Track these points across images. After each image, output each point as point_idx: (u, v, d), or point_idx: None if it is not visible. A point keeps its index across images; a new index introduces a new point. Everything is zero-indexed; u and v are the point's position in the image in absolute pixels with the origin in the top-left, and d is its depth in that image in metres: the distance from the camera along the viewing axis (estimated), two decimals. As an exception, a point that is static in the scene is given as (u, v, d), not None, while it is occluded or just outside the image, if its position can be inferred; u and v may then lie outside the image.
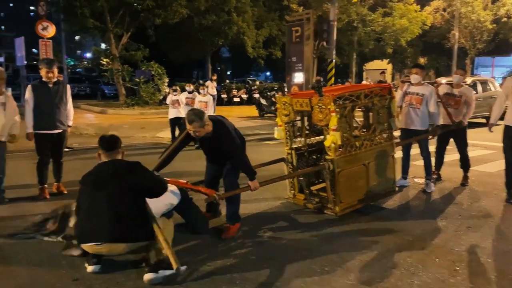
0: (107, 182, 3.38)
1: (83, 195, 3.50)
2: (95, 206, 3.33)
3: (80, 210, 3.49)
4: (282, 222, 4.75)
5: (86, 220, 3.37)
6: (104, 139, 3.62)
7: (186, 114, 4.04)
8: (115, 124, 14.04)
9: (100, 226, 3.26)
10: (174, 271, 3.24)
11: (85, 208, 3.41)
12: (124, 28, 20.15)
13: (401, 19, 20.38)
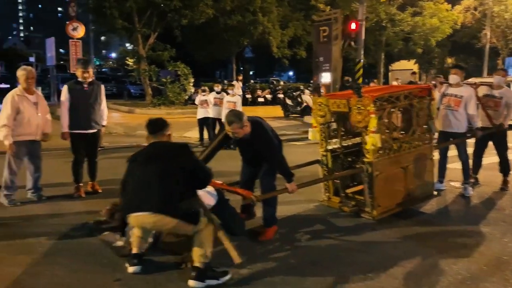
0: (157, 158, 3.40)
1: (131, 171, 3.50)
2: (144, 179, 3.34)
3: (127, 185, 3.48)
4: (318, 225, 4.67)
5: (134, 192, 3.37)
6: (149, 122, 3.69)
7: (226, 115, 4.01)
8: (143, 124, 14.06)
9: (148, 196, 3.27)
10: (220, 280, 3.28)
11: (134, 181, 3.41)
12: (151, 29, 20.34)
13: (431, 19, 19.91)
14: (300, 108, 16.57)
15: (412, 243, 4.12)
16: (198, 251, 3.32)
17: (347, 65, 21.30)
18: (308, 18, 26.85)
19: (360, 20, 15.31)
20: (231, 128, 3.95)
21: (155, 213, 3.24)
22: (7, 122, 5.06)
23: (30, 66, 6.01)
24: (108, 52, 78.79)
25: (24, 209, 5.15)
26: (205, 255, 3.32)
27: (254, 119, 4.13)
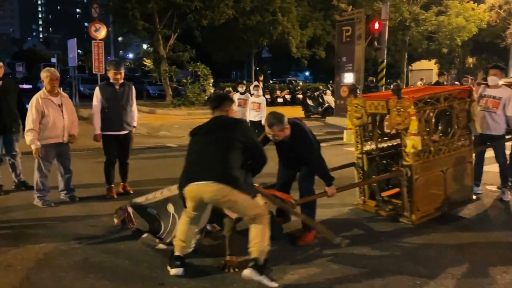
0: (216, 130, 3.50)
1: (193, 144, 3.57)
2: (204, 150, 3.42)
3: (189, 157, 3.54)
4: (356, 230, 4.57)
5: (194, 163, 3.43)
6: (211, 98, 3.85)
7: (266, 118, 3.93)
8: (165, 124, 14.24)
9: (208, 166, 3.31)
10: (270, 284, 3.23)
11: (194, 153, 3.49)
12: (172, 29, 20.44)
13: (457, 18, 19.53)
14: (321, 109, 16.45)
15: (456, 250, 4.00)
16: (257, 245, 3.31)
17: (366, 65, 21.04)
18: (327, 18, 26.72)
19: (383, 20, 15.14)
20: (272, 130, 3.88)
21: (216, 182, 3.24)
22: (33, 126, 5.07)
23: (52, 67, 6.03)
24: (125, 52, 79.63)
25: (59, 210, 5.17)
26: (264, 251, 3.33)
27: (294, 121, 4.06)
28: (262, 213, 3.42)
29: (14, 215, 4.96)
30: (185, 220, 3.56)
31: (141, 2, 18.38)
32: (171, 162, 8.31)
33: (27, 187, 5.96)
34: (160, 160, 8.55)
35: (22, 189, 6.01)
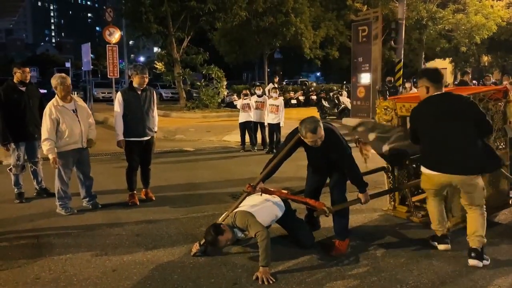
0: (456, 114, 3.55)
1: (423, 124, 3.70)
2: (450, 137, 3.55)
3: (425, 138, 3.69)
4: (390, 238, 4.39)
5: (442, 151, 3.60)
6: (429, 70, 3.86)
7: (305, 123, 3.73)
8: (181, 127, 14.16)
9: (460, 157, 3.53)
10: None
11: (438, 137, 3.60)
12: (185, 32, 20.40)
13: (476, 16, 19.18)
14: (337, 110, 16.25)
15: (501, 259, 3.79)
16: (477, 232, 3.65)
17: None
18: (340, 18, 26.48)
19: (400, 19, 14.93)
20: (317, 135, 3.70)
21: (462, 174, 3.55)
22: (49, 135, 4.97)
23: (65, 72, 5.95)
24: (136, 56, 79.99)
25: (83, 218, 5.08)
26: (483, 236, 3.65)
27: (326, 125, 3.91)
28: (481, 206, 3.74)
29: (38, 224, 4.88)
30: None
31: (154, 5, 18.37)
32: (190, 167, 8.22)
33: (48, 194, 5.90)
34: (179, 165, 8.45)
35: (43, 196, 5.95)
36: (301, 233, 4.11)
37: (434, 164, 3.67)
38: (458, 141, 3.56)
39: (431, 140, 3.68)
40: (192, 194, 6.23)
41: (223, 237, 3.73)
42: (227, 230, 3.76)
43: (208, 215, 5.10)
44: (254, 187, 3.98)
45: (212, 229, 3.73)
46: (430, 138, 3.69)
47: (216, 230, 3.71)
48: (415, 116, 3.82)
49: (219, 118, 17.29)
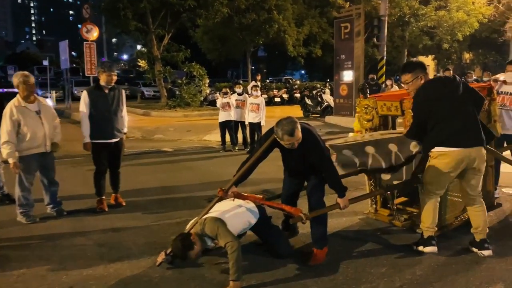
0: (459, 92, 3.61)
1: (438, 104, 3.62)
2: (459, 113, 3.59)
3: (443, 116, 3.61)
4: (371, 244, 4.15)
5: (466, 127, 3.60)
6: (418, 62, 3.95)
7: (282, 125, 3.45)
8: (161, 127, 13.79)
9: (478, 131, 3.63)
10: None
11: (449, 114, 3.59)
12: (166, 29, 19.96)
13: (457, 12, 19.15)
14: (320, 108, 16.06)
15: (492, 266, 3.58)
16: (480, 227, 3.81)
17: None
18: (323, 16, 26.34)
19: (382, 16, 14.77)
20: (294, 138, 3.44)
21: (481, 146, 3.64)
22: (8, 138, 4.59)
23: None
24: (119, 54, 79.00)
25: (45, 226, 4.74)
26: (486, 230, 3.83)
27: (304, 126, 3.65)
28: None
29: (-4, 234, 4.52)
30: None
31: (133, 1, 17.89)
32: (167, 168, 7.89)
33: (10, 200, 5.51)
34: (155, 167, 8.11)
35: (6, 203, 5.57)
36: (277, 241, 3.85)
37: (454, 140, 3.60)
38: (469, 116, 3.63)
39: (448, 118, 3.61)
40: (167, 198, 5.93)
41: (192, 251, 3.44)
42: (196, 242, 3.47)
43: (182, 221, 4.78)
44: (226, 192, 3.70)
45: (180, 242, 3.43)
46: (447, 116, 3.61)
47: (185, 243, 3.42)
48: (428, 100, 3.65)
49: (201, 117, 16.95)
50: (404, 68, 3.88)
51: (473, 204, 3.85)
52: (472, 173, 3.73)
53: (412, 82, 3.75)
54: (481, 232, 3.82)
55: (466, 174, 3.73)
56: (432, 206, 3.85)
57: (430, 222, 3.86)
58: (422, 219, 3.91)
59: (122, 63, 63.35)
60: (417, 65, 3.80)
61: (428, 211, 3.87)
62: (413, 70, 3.76)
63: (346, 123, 13.48)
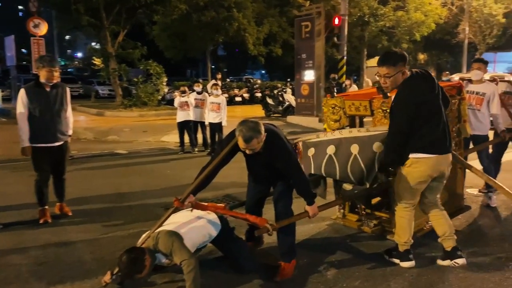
0: (437, 91, 3.33)
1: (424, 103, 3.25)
2: (437, 116, 3.30)
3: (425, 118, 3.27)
4: (341, 253, 3.88)
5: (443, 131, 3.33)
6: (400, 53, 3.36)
7: (240, 129, 3.12)
8: (115, 128, 13.09)
9: (449, 136, 3.37)
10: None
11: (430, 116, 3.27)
12: (121, 25, 19.13)
13: (415, 13, 19.52)
14: (282, 108, 15.86)
15: (468, 276, 3.38)
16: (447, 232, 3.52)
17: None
18: (283, 15, 26.24)
19: (343, 15, 14.74)
20: (250, 145, 3.11)
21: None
22: None
23: None
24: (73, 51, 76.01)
25: (-26, 243, 4.15)
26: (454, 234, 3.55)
27: (269, 128, 3.31)
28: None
29: None
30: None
31: (85, -5, 17.02)
32: (121, 172, 7.35)
33: None
34: (107, 171, 7.54)
35: None
36: (240, 255, 3.49)
37: (435, 146, 3.29)
38: (443, 120, 3.34)
39: (431, 121, 3.26)
40: (119, 206, 5.43)
41: (141, 274, 3.01)
42: (147, 259, 3.04)
43: (135, 233, 4.33)
44: (183, 202, 3.31)
45: (129, 259, 2.99)
46: (429, 119, 3.26)
47: (134, 260, 2.98)
48: (416, 102, 3.21)
49: (158, 116, 16.32)
50: (385, 59, 3.30)
51: (433, 209, 3.58)
52: (438, 180, 3.46)
53: (393, 76, 3.25)
54: (449, 237, 3.51)
55: (432, 181, 3.44)
56: (407, 220, 3.51)
57: (407, 237, 3.52)
58: (398, 234, 3.56)
59: (76, 61, 60.98)
60: (400, 58, 3.26)
61: (403, 226, 3.52)
62: (396, 63, 3.23)
63: (307, 123, 13.33)
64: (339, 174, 3.83)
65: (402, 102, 3.24)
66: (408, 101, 3.21)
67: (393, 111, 3.32)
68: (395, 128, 3.31)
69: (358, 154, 3.84)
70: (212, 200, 5.42)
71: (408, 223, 3.50)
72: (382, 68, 3.27)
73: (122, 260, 2.99)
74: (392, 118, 3.34)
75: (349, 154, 3.85)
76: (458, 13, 23.24)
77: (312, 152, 4.14)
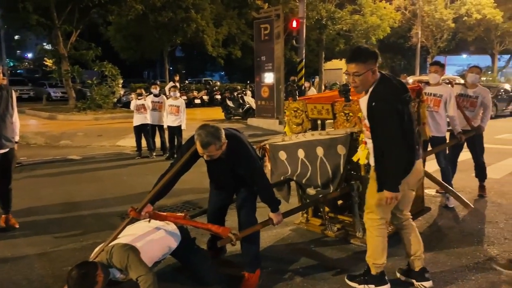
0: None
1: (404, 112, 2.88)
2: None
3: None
4: (305, 260, 3.79)
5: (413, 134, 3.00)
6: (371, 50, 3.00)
7: (198, 134, 2.97)
8: (67, 132, 12.50)
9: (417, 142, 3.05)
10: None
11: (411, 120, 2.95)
12: (73, 25, 18.37)
13: (371, 17, 20.02)
14: (242, 110, 15.74)
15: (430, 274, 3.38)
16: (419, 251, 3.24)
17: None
18: (242, 17, 26.19)
19: (301, 18, 14.83)
20: (208, 151, 2.97)
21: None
22: None
23: None
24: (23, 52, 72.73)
25: None
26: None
27: (232, 133, 3.17)
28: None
29: None
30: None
31: (34, -7, 16.20)
32: (73, 180, 6.97)
33: None
34: (59, 178, 7.13)
35: None
36: (202, 267, 3.32)
37: (412, 151, 2.95)
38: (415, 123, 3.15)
39: (408, 129, 2.90)
40: (71, 216, 5.12)
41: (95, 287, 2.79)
42: (99, 274, 2.81)
43: (88, 245, 4.09)
44: (139, 212, 3.11)
45: (79, 275, 2.75)
46: (408, 126, 2.89)
47: (85, 277, 2.75)
48: (401, 102, 2.86)
49: (114, 120, 15.78)
50: (354, 56, 2.93)
51: (406, 224, 3.22)
52: (413, 189, 3.16)
53: (363, 75, 2.88)
54: (419, 258, 3.20)
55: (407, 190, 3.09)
56: (382, 238, 3.11)
57: (384, 259, 3.13)
58: (373, 256, 3.13)
59: (27, 62, 58.34)
60: (371, 54, 2.90)
61: (379, 246, 3.10)
62: (366, 60, 2.86)
63: (268, 125, 13.29)
64: (310, 178, 3.74)
65: (389, 102, 2.83)
66: (395, 100, 2.84)
67: (379, 116, 2.87)
68: (389, 133, 2.83)
69: (323, 157, 3.80)
70: (171, 208, 5.23)
71: (384, 242, 3.11)
72: (351, 65, 2.92)
73: (72, 275, 2.74)
74: (380, 126, 2.88)
75: (316, 156, 3.80)
76: (411, 18, 24.06)
77: (285, 156, 4.07)
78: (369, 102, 2.91)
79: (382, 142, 2.88)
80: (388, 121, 2.82)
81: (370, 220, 3.11)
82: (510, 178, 6.77)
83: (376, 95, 2.89)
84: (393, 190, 2.85)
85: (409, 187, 3.06)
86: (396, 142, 2.81)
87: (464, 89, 5.76)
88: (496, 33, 27.59)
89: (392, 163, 2.84)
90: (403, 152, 2.84)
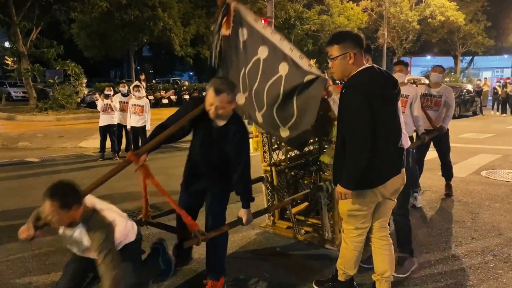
0: (395, 95, 2.68)
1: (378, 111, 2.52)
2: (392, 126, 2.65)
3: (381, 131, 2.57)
4: (272, 267, 3.62)
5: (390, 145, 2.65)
6: (352, 32, 2.73)
7: (213, 82, 2.86)
8: (26, 133, 11.95)
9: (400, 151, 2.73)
10: None
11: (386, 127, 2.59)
12: (34, 22, 17.64)
13: (339, 17, 20.20)
14: (210, 110, 15.50)
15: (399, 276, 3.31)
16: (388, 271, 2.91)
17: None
18: (210, 16, 25.86)
19: (269, 17, 14.71)
20: (219, 100, 2.78)
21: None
22: None
23: None
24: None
25: None
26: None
27: (237, 113, 3.10)
28: None
29: None
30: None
31: (-11, -13, 15.46)
32: (29, 184, 6.58)
33: None
34: (14, 182, 6.72)
35: None
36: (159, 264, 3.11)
37: (390, 165, 2.65)
38: (398, 130, 2.69)
39: (385, 133, 2.57)
40: (23, 223, 4.75)
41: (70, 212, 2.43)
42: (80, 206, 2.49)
43: (41, 253, 3.83)
44: (138, 157, 2.92)
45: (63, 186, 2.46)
46: (390, 122, 2.61)
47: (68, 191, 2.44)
48: (376, 94, 2.54)
49: (77, 120, 15.25)
50: (331, 38, 2.68)
51: (381, 236, 2.89)
52: (390, 204, 2.86)
53: (338, 58, 2.58)
54: (386, 279, 2.88)
55: (386, 198, 2.79)
56: (357, 254, 2.88)
57: (354, 271, 2.96)
58: (347, 267, 2.93)
59: (-15, 60, 56.00)
60: (349, 36, 2.61)
61: (350, 259, 2.89)
62: (342, 41, 2.57)
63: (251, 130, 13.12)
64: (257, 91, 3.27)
65: (359, 92, 2.51)
66: (369, 92, 2.51)
67: (344, 106, 2.58)
68: (352, 130, 2.52)
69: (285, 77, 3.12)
70: (133, 211, 4.97)
71: (359, 256, 2.90)
72: (328, 48, 2.64)
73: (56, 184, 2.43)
74: (345, 117, 2.58)
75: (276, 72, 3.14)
76: (378, 19, 24.46)
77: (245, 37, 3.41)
78: (342, 89, 2.63)
79: (345, 136, 2.56)
80: (353, 114, 2.50)
81: (346, 230, 2.86)
82: (475, 176, 6.87)
83: (349, 81, 2.60)
84: (346, 187, 2.57)
85: (385, 197, 2.74)
86: (358, 141, 2.49)
87: (428, 88, 5.78)
88: (459, 35, 28.47)
89: (350, 163, 2.53)
90: (363, 157, 2.49)
